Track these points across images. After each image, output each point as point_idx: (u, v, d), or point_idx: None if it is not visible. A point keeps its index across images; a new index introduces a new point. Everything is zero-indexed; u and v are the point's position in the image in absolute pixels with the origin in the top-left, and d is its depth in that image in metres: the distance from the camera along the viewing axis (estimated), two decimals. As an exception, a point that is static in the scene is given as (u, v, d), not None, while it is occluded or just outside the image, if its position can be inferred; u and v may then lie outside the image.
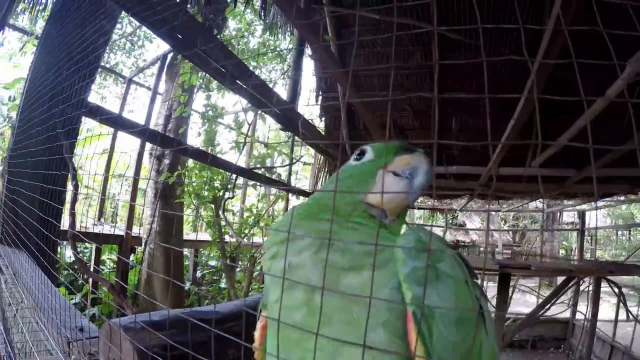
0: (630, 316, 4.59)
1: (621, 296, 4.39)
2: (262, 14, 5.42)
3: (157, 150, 6.60)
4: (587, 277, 4.69)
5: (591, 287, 4.74)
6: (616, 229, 12.86)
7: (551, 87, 3.05)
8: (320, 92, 4.54)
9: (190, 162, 5.75)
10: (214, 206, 5.45)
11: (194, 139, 6.89)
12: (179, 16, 2.07)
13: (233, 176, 5.41)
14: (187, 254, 8.69)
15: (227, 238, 5.89)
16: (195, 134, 6.16)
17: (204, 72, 4.25)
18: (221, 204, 5.40)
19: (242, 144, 5.60)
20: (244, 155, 7.41)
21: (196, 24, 2.47)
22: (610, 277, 4.14)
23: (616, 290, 4.35)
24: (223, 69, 2.65)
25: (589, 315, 4.75)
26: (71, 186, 2.44)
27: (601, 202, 6.29)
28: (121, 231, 7.21)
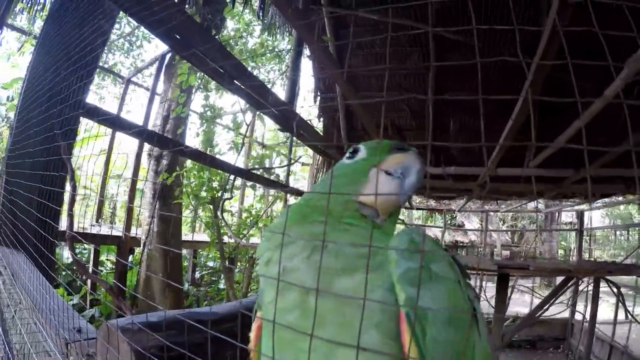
0: (629, 316, 4.59)
1: (620, 296, 4.39)
2: (260, 14, 5.41)
3: (155, 151, 6.59)
4: (586, 277, 4.69)
5: (590, 287, 4.75)
6: (614, 228, 12.88)
7: (550, 87, 3.05)
8: (318, 93, 4.54)
9: (189, 163, 5.74)
10: (212, 207, 5.45)
11: (192, 140, 6.88)
12: (177, 16, 2.07)
13: (231, 177, 5.41)
14: (185, 254, 8.68)
15: (226, 239, 5.88)
16: (193, 134, 6.15)
17: (202, 73, 4.25)
18: (219, 205, 5.40)
19: (241, 145, 5.60)
20: (243, 155, 7.41)
21: (194, 24, 2.46)
22: (609, 277, 4.14)
23: (615, 290, 4.35)
24: (221, 70, 2.65)
25: (587, 316, 4.75)
26: (69, 187, 2.43)
27: (599, 202, 6.31)
28: (120, 232, 7.20)
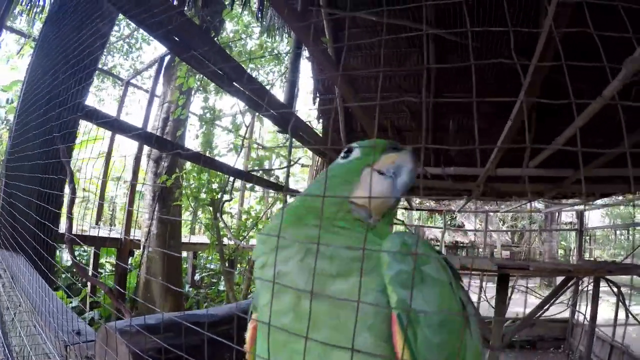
0: (629, 315, 4.59)
1: (620, 296, 4.39)
2: (259, 16, 5.42)
3: (154, 153, 6.59)
4: (586, 277, 4.68)
5: (590, 287, 4.74)
6: (615, 228, 12.87)
7: (549, 89, 3.05)
8: (317, 94, 4.54)
9: (189, 165, 5.74)
10: (212, 209, 5.45)
11: (192, 142, 6.88)
12: (176, 18, 2.07)
13: (231, 179, 5.41)
14: (185, 256, 8.67)
15: (226, 241, 5.88)
16: (193, 136, 6.16)
17: (201, 75, 4.25)
18: (219, 207, 5.40)
19: (240, 147, 5.61)
20: (242, 157, 7.41)
21: (193, 26, 2.47)
22: (610, 277, 4.14)
23: (615, 289, 4.35)
24: (220, 72, 2.66)
25: (588, 315, 4.74)
26: (68, 189, 2.43)
27: (599, 201, 6.30)
28: (119, 234, 7.19)
